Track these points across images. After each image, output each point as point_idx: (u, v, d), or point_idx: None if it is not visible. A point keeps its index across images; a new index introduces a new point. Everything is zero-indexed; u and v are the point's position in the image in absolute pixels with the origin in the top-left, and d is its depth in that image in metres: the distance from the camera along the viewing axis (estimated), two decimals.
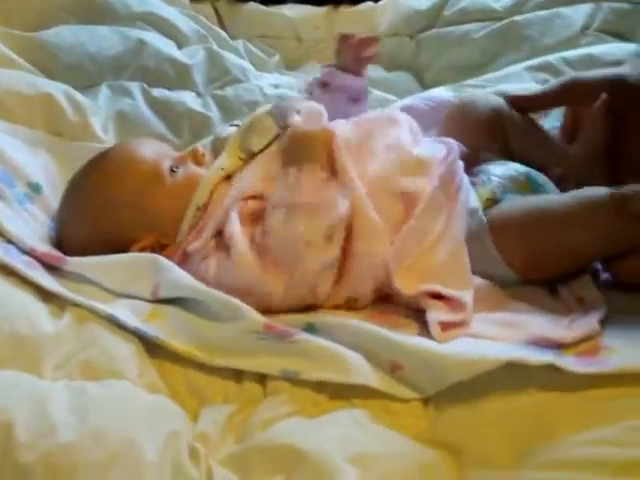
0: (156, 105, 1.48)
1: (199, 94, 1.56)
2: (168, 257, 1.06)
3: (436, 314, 0.95)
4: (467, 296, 0.96)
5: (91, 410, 0.80)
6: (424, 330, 0.94)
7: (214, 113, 1.50)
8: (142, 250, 1.09)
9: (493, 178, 1.08)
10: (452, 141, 1.11)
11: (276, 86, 1.57)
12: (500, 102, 1.18)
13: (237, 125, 1.20)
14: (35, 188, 1.22)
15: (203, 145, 1.30)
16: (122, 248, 1.09)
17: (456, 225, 1.02)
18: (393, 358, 0.90)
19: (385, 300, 1.03)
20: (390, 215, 1.02)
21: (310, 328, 0.96)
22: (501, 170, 1.10)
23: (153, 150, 1.16)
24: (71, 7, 1.65)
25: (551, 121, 1.24)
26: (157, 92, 1.50)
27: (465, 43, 1.80)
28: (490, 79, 1.58)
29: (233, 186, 1.09)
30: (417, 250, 1.00)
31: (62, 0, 1.65)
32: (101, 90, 1.49)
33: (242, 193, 1.06)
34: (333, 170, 1.03)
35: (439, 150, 1.09)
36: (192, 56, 1.62)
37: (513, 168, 1.10)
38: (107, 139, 1.39)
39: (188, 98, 1.52)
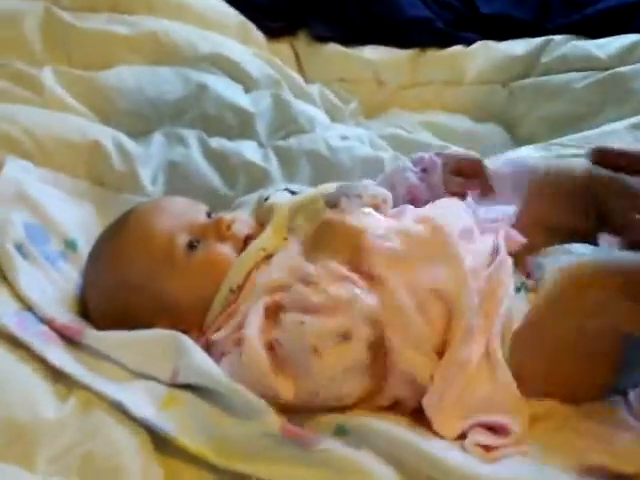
0: (212, 156, 1.43)
1: (261, 144, 1.50)
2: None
3: (475, 437, 0.89)
4: (515, 424, 0.89)
5: None
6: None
7: (273, 166, 1.44)
8: None
9: (545, 278, 1.00)
10: (506, 235, 1.04)
11: (344, 138, 1.50)
12: (587, 165, 1.08)
13: (288, 190, 1.15)
14: (71, 245, 1.19)
15: (240, 205, 1.26)
16: (135, 329, 1.03)
17: (496, 352, 0.94)
18: (433, 475, 0.84)
19: None
20: (434, 320, 0.95)
21: (341, 431, 0.90)
22: (557, 261, 1.02)
23: (173, 218, 1.10)
24: (136, 46, 1.62)
25: None
26: (215, 142, 1.45)
27: (563, 94, 1.68)
28: (588, 137, 1.47)
29: (264, 272, 1.02)
30: (456, 385, 0.93)
31: (127, 38, 1.62)
32: (155, 137, 1.44)
33: (270, 283, 0.99)
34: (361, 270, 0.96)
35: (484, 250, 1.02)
36: (257, 103, 1.57)
37: (572, 253, 1.03)
38: (154, 191, 1.35)
39: (248, 149, 1.46)
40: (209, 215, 1.13)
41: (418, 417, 0.94)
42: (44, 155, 1.31)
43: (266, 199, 1.14)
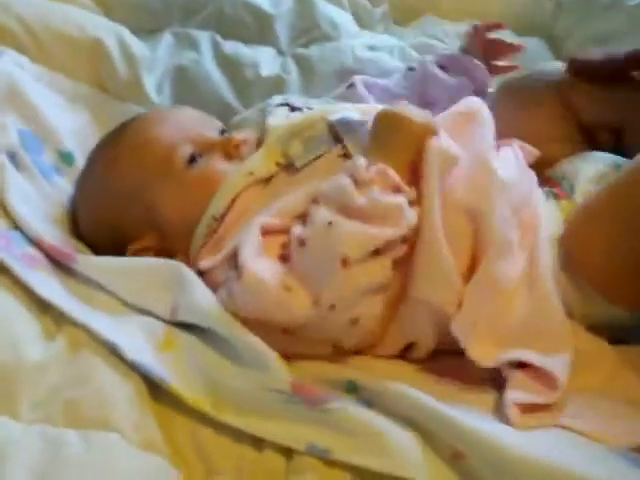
0: (225, 63, 1.36)
1: (280, 52, 1.43)
2: None
3: (515, 394, 0.83)
4: (560, 364, 0.84)
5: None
6: (502, 403, 0.84)
7: (293, 77, 1.36)
8: (143, 251, 1.00)
9: (579, 184, 0.96)
10: (521, 147, 1.00)
11: (372, 48, 1.42)
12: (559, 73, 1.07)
13: (288, 105, 1.06)
14: (66, 158, 1.13)
15: (244, 121, 1.19)
16: (124, 242, 1.00)
17: (539, 265, 0.88)
18: (455, 444, 0.78)
19: (454, 345, 0.88)
20: (458, 241, 0.89)
21: (352, 388, 0.86)
22: (586, 169, 0.98)
23: (178, 129, 1.03)
24: None
25: None
26: (229, 46, 1.38)
27: (615, 11, 1.58)
28: None
29: (266, 207, 0.94)
30: (492, 306, 0.87)
31: None
32: (164, 37, 1.37)
33: (277, 213, 0.92)
34: (413, 176, 0.89)
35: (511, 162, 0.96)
36: (278, 3, 1.48)
37: (598, 161, 0.99)
38: (160, 101, 1.28)
39: (265, 56, 1.39)
40: (222, 133, 1.06)
41: (435, 365, 0.90)
42: (40, 50, 1.24)
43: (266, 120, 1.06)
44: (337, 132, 0.98)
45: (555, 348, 0.85)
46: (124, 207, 1.01)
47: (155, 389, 0.84)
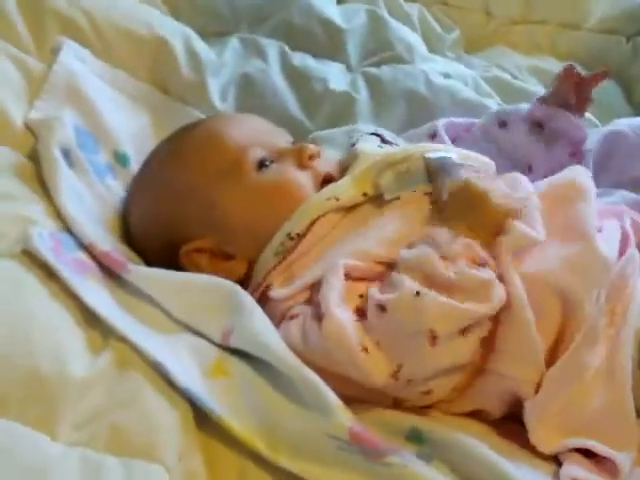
0: (293, 74, 1.33)
1: (349, 68, 1.39)
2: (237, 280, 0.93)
3: (575, 470, 0.81)
4: (626, 459, 0.81)
5: None
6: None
7: (362, 97, 1.32)
8: (197, 252, 0.97)
9: None
10: (633, 220, 0.96)
11: (446, 75, 1.38)
12: None
13: (378, 136, 1.03)
14: (122, 159, 1.11)
15: (324, 139, 1.16)
16: (178, 242, 0.97)
17: (621, 356, 0.85)
18: None
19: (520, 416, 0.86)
20: (545, 320, 0.86)
21: (416, 436, 0.83)
22: None
23: (249, 132, 1.01)
24: None
25: None
26: (298, 58, 1.35)
27: None
28: None
29: (347, 241, 0.91)
30: (570, 394, 0.84)
31: None
32: (231, 42, 1.35)
33: (360, 254, 0.88)
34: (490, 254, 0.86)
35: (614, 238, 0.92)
36: (350, 18, 1.45)
37: None
38: (223, 108, 1.26)
39: (334, 72, 1.36)
40: (292, 144, 1.04)
41: (500, 427, 0.87)
42: (104, 45, 1.22)
43: (352, 144, 1.04)
44: (433, 171, 0.94)
45: (621, 444, 0.82)
46: (183, 203, 0.98)
47: (202, 417, 0.80)
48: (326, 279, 0.85)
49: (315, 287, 0.88)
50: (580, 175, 0.99)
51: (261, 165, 0.98)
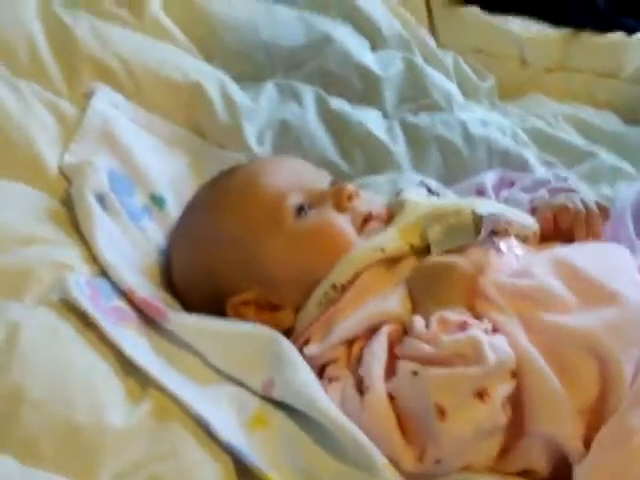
0: (330, 119, 1.30)
1: (386, 115, 1.37)
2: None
3: None
4: None
5: None
6: None
7: (400, 145, 1.30)
8: (244, 305, 0.95)
9: None
10: None
11: (485, 124, 1.35)
12: None
13: (425, 186, 1.03)
14: (158, 201, 1.10)
15: (368, 185, 1.14)
16: (222, 293, 0.95)
17: None
18: None
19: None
20: (578, 375, 0.83)
21: None
22: None
23: (287, 177, 1.00)
24: None
25: None
26: (335, 103, 1.33)
27: None
28: None
29: (385, 297, 0.90)
30: (616, 458, 0.79)
31: None
32: (266, 88, 1.33)
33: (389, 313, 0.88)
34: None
35: None
36: (387, 65, 1.43)
37: None
38: (261, 152, 1.23)
39: (371, 118, 1.33)
40: (333, 185, 1.02)
41: None
42: (138, 90, 1.21)
43: (398, 193, 1.02)
44: (483, 227, 0.93)
45: None
46: (225, 255, 0.96)
47: (242, 470, 0.78)
48: (369, 348, 0.84)
49: (352, 346, 0.87)
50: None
51: (300, 211, 0.96)
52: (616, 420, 0.80)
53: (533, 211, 1.05)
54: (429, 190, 1.05)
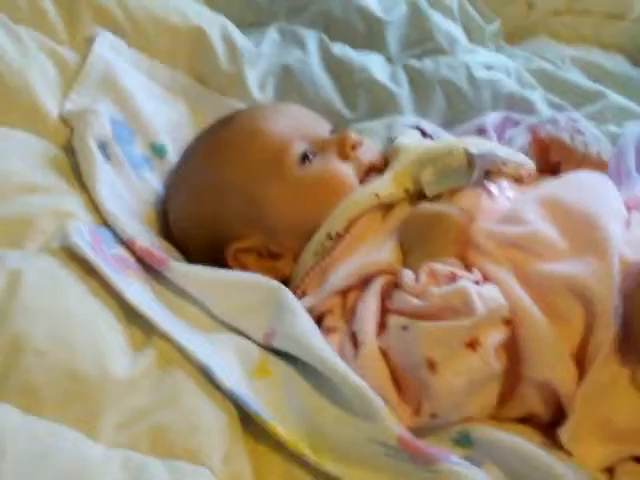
0: (333, 65, 1.30)
1: (390, 60, 1.36)
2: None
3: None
4: None
5: None
6: None
7: (403, 89, 1.29)
8: (244, 252, 0.96)
9: None
10: None
11: (489, 67, 1.35)
12: None
13: (420, 130, 1.03)
14: (159, 150, 1.09)
15: (364, 131, 1.12)
16: (222, 241, 0.95)
17: None
18: None
19: None
20: (568, 323, 0.82)
21: (465, 439, 0.81)
22: None
23: (290, 124, 0.99)
24: None
25: None
26: (338, 48, 1.32)
27: None
28: None
29: (379, 245, 0.89)
30: (602, 408, 0.80)
31: None
32: (269, 33, 1.32)
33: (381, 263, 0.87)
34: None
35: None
36: (390, 9, 1.42)
37: None
38: (262, 98, 1.23)
39: (375, 63, 1.33)
40: (332, 133, 1.02)
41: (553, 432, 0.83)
42: (139, 36, 1.20)
43: (393, 139, 1.02)
44: (476, 166, 0.92)
45: None
46: (225, 202, 0.96)
47: (246, 419, 0.78)
48: (362, 302, 0.84)
49: (347, 296, 0.87)
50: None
51: (304, 159, 0.96)
52: (596, 371, 0.80)
53: (532, 138, 1.04)
54: (423, 133, 1.04)
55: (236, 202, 0.96)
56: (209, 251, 0.95)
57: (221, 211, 0.96)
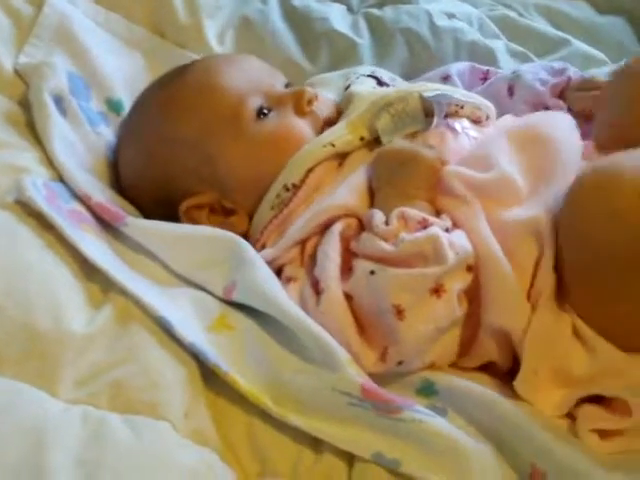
0: (293, 17, 1.29)
1: (350, 9, 1.35)
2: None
3: (588, 422, 0.79)
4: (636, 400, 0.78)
5: (105, 470, 0.66)
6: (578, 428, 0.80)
7: (364, 40, 1.28)
8: (197, 209, 0.94)
9: None
10: None
11: (450, 15, 1.33)
12: None
13: (375, 78, 1.02)
14: (115, 106, 1.08)
15: (321, 82, 1.11)
16: (173, 197, 0.94)
17: None
18: (535, 461, 0.76)
19: None
20: (524, 265, 0.82)
21: (428, 388, 0.82)
22: None
23: (245, 77, 0.98)
24: None
25: None
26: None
27: None
28: None
29: (335, 192, 0.89)
30: (553, 355, 0.80)
31: None
32: None
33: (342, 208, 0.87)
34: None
35: None
36: None
37: None
38: (221, 51, 1.22)
39: (335, 13, 1.31)
40: (287, 87, 1.01)
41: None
42: None
43: (347, 87, 1.01)
44: (432, 110, 0.92)
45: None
46: (179, 157, 0.95)
47: (207, 374, 0.78)
48: (322, 247, 0.84)
49: (306, 245, 0.87)
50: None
51: (259, 114, 0.95)
52: (543, 315, 0.81)
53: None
54: (379, 82, 1.03)
55: (189, 158, 0.94)
56: (161, 208, 0.94)
57: (173, 167, 0.95)
